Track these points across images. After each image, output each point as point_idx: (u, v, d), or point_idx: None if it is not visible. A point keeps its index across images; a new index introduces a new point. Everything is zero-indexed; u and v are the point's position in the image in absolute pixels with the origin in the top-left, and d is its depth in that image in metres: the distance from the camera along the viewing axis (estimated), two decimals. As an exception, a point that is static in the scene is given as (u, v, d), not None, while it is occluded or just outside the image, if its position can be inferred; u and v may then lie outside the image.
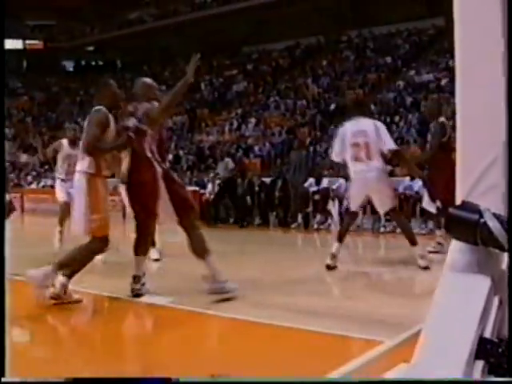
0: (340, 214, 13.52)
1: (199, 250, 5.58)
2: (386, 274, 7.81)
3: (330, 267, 7.47)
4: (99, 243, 5.31)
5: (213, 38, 34.90)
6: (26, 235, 14.52)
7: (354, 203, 7.69)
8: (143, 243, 5.77)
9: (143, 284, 5.70)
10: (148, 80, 6.23)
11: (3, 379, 3.29)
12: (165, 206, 5.57)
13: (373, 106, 21.44)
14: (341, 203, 13.54)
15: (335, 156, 7.41)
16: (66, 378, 3.43)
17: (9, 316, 4.92)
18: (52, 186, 23.46)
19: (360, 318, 4.87)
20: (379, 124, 7.50)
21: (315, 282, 6.91)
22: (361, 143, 7.14)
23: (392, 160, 7.88)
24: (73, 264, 5.27)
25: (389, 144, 7.26)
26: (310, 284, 6.70)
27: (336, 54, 28.76)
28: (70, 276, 5.31)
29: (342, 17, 31.83)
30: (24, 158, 30.34)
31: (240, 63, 32.12)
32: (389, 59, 25.62)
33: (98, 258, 6.14)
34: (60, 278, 5.30)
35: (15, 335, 4.75)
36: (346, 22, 31.44)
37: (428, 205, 8.47)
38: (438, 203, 8.17)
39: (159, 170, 5.63)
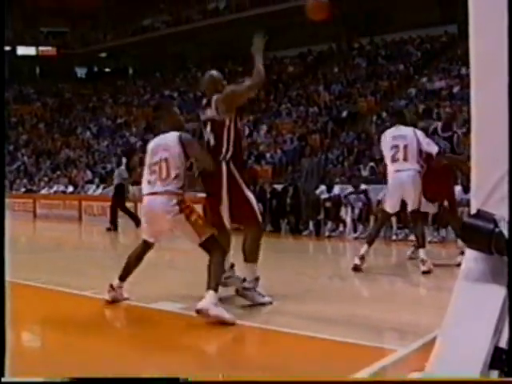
0: (353, 220, 13.52)
1: (249, 253, 5.67)
2: (398, 281, 7.79)
3: (357, 268, 7.77)
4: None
5: (225, 44, 35.00)
6: (39, 240, 14.58)
7: (390, 203, 8.10)
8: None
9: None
10: (215, 72, 6.35)
11: (3, 379, 3.30)
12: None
13: (384, 114, 21.42)
14: (353, 210, 13.54)
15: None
16: (66, 378, 3.44)
17: (28, 319, 4.94)
18: (64, 192, 23.70)
19: (373, 326, 4.86)
20: (419, 132, 8.12)
21: (327, 290, 6.90)
22: (400, 146, 7.85)
23: (436, 162, 8.20)
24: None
25: (433, 148, 7.98)
26: (322, 291, 6.69)
27: (348, 61, 28.72)
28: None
29: (354, 24, 31.84)
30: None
31: (252, 70, 32.06)
32: (401, 66, 25.57)
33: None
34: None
35: (26, 340, 4.77)
36: (358, 29, 31.44)
37: (426, 206, 8.58)
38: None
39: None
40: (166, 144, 5.52)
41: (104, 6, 43.98)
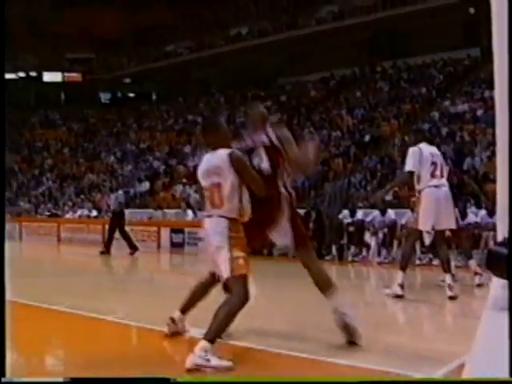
0: (377, 244, 13.42)
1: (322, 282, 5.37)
2: (422, 307, 7.70)
3: (399, 296, 7.75)
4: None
5: (247, 69, 35.25)
6: (63, 264, 14.64)
7: (424, 220, 8.00)
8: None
9: None
10: (264, 110, 6.02)
11: (3, 379, 3.28)
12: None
13: (408, 137, 21.32)
14: (377, 234, 13.45)
15: (413, 167, 8.04)
16: (67, 378, 3.41)
17: (49, 343, 4.92)
18: (88, 216, 23.85)
19: (399, 353, 4.78)
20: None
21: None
22: (438, 163, 8.06)
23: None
24: None
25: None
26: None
27: (370, 84, 28.72)
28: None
29: (377, 48, 31.91)
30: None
31: (274, 95, 32.25)
32: (423, 90, 25.51)
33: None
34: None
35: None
36: (381, 53, 31.49)
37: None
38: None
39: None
40: (215, 166, 5.06)
41: (127, 33, 44.55)
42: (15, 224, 26.15)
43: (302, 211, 15.17)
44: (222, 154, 5.05)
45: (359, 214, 14.11)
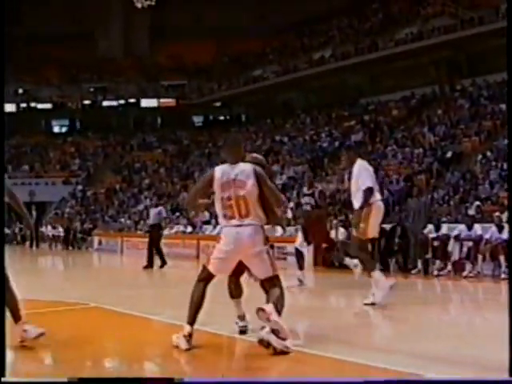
0: (461, 259, 13.08)
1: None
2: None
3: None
4: None
5: (331, 91, 35.24)
6: (161, 276, 14.94)
7: (374, 229, 8.22)
8: None
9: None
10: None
11: (3, 379, 3.35)
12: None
13: (489, 153, 20.80)
14: (461, 248, 13.12)
15: (371, 183, 8.03)
16: (71, 378, 3.43)
17: (152, 352, 5.03)
18: (183, 232, 24.25)
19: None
20: None
21: (439, 327, 6.67)
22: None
23: None
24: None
25: None
26: (433, 330, 6.48)
27: (451, 102, 28.17)
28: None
29: (456, 67, 31.32)
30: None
31: (358, 114, 32.06)
32: (503, 106, 24.79)
33: None
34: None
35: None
36: (460, 72, 30.89)
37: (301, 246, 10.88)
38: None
39: None
40: (240, 180, 5.20)
41: (217, 60, 45.40)
42: (117, 239, 26.92)
43: (387, 226, 15.03)
44: (248, 168, 5.22)
45: (444, 229, 13.81)
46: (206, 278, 5.49)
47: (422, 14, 33.10)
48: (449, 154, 22.31)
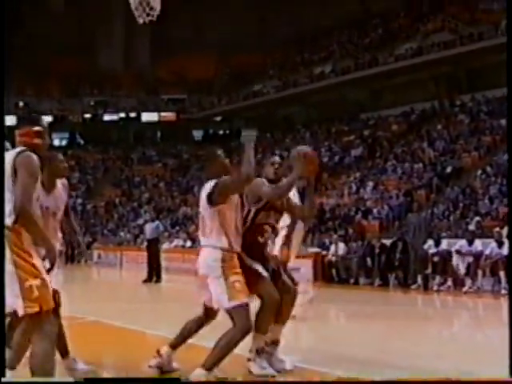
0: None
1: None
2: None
3: None
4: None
5: (331, 106, 35.32)
6: (158, 290, 14.91)
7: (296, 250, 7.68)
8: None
9: None
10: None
11: (3, 379, 3.34)
12: None
13: (489, 169, 20.82)
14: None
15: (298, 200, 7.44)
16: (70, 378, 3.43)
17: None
18: (183, 246, 24.22)
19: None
20: None
21: (439, 343, 6.65)
22: None
23: None
24: None
25: None
26: (433, 345, 6.46)
27: (450, 117, 28.21)
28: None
29: (455, 82, 31.43)
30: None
31: (357, 129, 32.10)
32: (503, 121, 24.83)
33: None
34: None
35: None
36: (459, 87, 31.00)
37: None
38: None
39: None
40: (202, 196, 4.86)
41: (218, 75, 45.55)
42: (116, 253, 26.86)
43: (387, 241, 15.04)
44: (207, 186, 4.82)
45: (444, 244, 13.81)
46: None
47: (422, 30, 33.23)
48: (449, 169, 22.32)
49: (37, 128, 4.01)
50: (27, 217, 3.55)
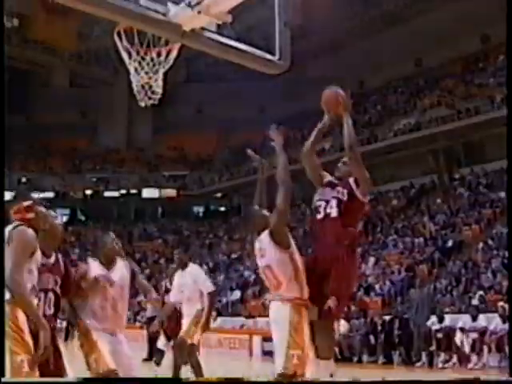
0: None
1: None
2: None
3: None
4: None
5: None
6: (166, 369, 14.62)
7: None
8: None
9: None
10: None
11: (3, 379, 3.26)
12: None
13: (490, 241, 20.79)
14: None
15: None
16: (78, 378, 3.36)
17: None
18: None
19: None
20: None
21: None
22: None
23: None
24: None
25: None
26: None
27: (450, 191, 28.39)
28: None
29: (454, 156, 31.78)
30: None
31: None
32: (502, 194, 24.94)
33: None
34: None
35: None
36: (458, 161, 31.34)
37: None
38: None
39: None
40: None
41: (218, 152, 46.11)
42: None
43: (386, 318, 14.86)
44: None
45: (447, 320, 13.66)
46: None
47: (419, 106, 33.83)
48: (450, 243, 22.29)
49: (27, 203, 4.12)
50: (16, 290, 3.70)
